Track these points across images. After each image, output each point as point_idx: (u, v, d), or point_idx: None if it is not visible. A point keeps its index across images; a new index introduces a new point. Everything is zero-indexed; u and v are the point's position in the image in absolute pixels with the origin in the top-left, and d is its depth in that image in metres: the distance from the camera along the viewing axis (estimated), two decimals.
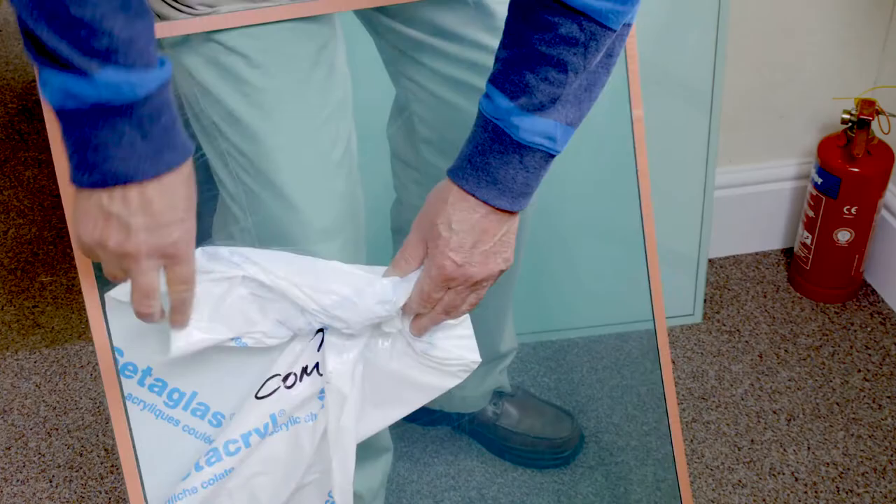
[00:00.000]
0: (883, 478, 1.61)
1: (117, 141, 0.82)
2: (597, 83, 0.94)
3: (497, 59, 0.94)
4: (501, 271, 1.01)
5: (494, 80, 0.93)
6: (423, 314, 1.02)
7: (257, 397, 1.04)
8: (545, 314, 1.81)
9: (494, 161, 0.94)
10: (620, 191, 1.40)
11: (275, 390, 1.04)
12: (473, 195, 0.95)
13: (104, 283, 0.97)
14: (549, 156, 0.94)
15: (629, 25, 0.93)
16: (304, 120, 1.04)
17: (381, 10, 1.17)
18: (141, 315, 0.93)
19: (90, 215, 0.87)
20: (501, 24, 1.19)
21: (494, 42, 1.16)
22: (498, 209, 0.96)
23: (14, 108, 2.52)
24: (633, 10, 0.91)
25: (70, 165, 0.85)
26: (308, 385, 1.05)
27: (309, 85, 1.04)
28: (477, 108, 0.96)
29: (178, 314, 0.95)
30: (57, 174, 1.01)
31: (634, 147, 1.20)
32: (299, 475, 1.05)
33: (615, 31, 0.91)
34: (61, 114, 0.82)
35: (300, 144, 1.06)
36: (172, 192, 0.86)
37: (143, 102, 0.82)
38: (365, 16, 1.21)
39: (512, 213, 0.97)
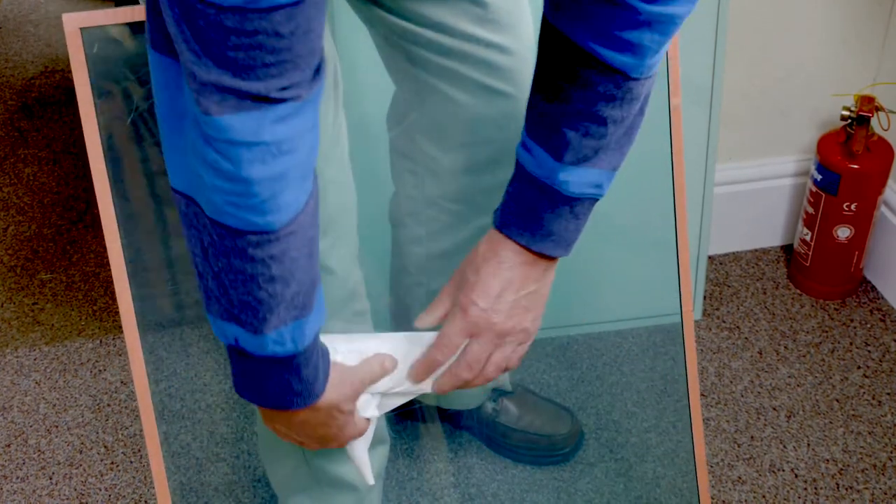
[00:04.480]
0: (883, 474, 1.61)
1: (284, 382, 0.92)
2: (635, 126, 0.95)
3: (533, 108, 0.95)
4: (528, 331, 1.03)
5: (535, 136, 0.95)
6: (445, 371, 1.03)
7: None
8: (545, 311, 1.80)
9: (547, 216, 0.96)
10: (629, 187, 1.39)
11: None
12: (530, 249, 0.98)
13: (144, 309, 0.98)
14: (596, 199, 0.97)
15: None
16: None
17: (372, 1, 1.17)
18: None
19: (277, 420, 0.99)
20: (493, 16, 1.18)
21: (487, 34, 1.17)
22: (549, 258, 0.99)
23: (14, 106, 2.52)
24: (662, 56, 0.92)
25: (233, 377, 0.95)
26: None
27: None
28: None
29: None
30: (92, 171, 1.01)
31: (671, 137, 1.18)
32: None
33: (650, 78, 0.92)
34: (231, 351, 0.91)
35: None
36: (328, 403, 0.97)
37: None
38: (358, 7, 1.21)
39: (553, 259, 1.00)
